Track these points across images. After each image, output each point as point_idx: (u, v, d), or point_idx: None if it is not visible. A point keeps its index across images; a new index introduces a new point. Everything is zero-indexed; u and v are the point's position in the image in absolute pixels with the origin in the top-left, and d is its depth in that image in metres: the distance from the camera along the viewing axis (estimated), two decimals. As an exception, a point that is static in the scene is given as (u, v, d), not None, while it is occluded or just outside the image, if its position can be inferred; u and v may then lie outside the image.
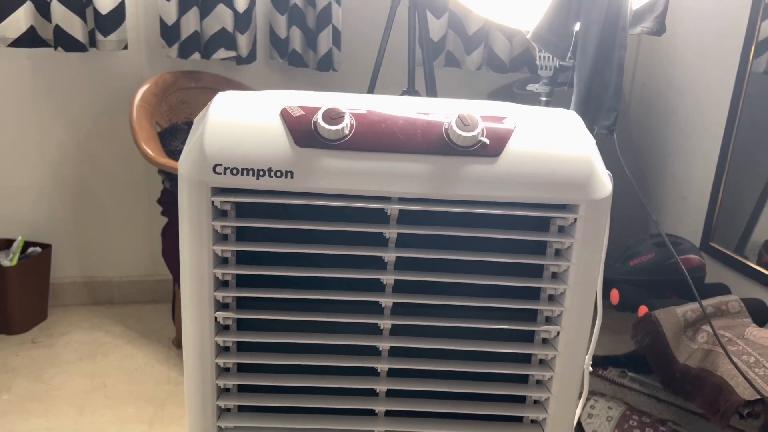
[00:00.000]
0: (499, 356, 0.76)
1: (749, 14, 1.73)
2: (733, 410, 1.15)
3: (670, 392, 1.40)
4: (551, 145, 0.69)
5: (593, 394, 1.50)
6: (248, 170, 0.66)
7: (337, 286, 0.73)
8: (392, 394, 0.77)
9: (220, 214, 0.70)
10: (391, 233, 0.72)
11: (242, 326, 0.75)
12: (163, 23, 1.86)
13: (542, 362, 0.77)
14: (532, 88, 1.53)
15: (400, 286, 0.74)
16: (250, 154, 0.66)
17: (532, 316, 0.76)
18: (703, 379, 1.26)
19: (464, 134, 0.66)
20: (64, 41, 1.78)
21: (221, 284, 0.72)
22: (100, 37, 1.82)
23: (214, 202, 0.68)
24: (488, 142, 0.67)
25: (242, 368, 0.76)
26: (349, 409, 0.77)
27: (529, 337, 0.77)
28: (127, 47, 1.88)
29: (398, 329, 0.75)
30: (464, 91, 2.21)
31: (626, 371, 1.54)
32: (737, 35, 1.77)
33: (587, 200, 0.68)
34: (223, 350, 0.75)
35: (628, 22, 1.29)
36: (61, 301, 2.12)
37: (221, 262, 0.72)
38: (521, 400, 0.78)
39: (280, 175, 0.66)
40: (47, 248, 2.01)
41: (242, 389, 0.77)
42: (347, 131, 0.67)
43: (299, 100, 0.70)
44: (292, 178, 0.66)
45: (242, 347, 0.76)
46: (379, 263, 0.73)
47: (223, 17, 1.87)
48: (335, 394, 0.77)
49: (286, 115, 0.68)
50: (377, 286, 0.74)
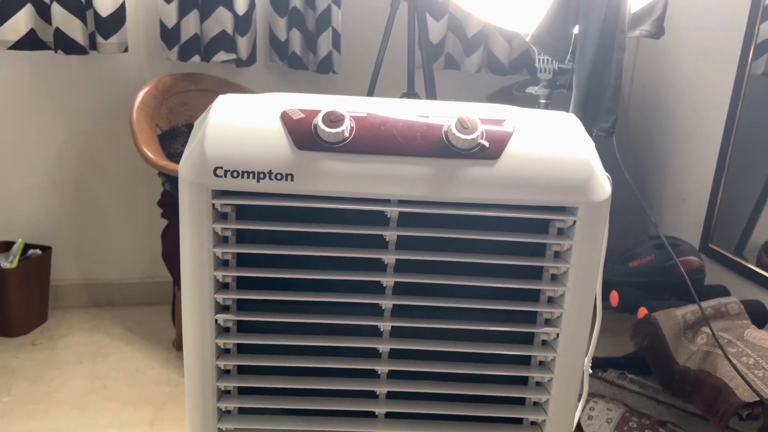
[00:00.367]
0: (498, 358, 0.76)
1: (748, 16, 1.73)
2: (732, 412, 1.16)
3: (669, 394, 1.41)
4: (550, 147, 0.69)
5: (593, 395, 1.51)
6: (249, 173, 0.67)
7: (337, 288, 0.74)
8: (392, 396, 0.77)
9: (220, 216, 0.70)
10: (391, 235, 0.72)
11: (242, 328, 0.75)
12: (163, 26, 1.87)
13: (542, 364, 0.77)
14: (531, 90, 1.54)
15: (400, 288, 0.74)
16: (250, 156, 0.67)
17: (531, 318, 0.76)
18: (702, 380, 1.26)
19: (464, 137, 0.67)
20: (64, 44, 1.78)
21: (222, 286, 0.73)
22: (100, 39, 1.83)
23: (214, 204, 0.68)
24: (487, 144, 0.68)
25: (242, 370, 0.77)
26: (349, 411, 0.77)
27: (528, 339, 0.77)
28: (127, 50, 1.89)
29: (398, 331, 0.75)
30: (464, 93, 2.22)
31: (626, 373, 1.54)
32: (736, 37, 1.77)
33: (586, 202, 0.69)
34: (223, 352, 0.75)
35: (626, 24, 1.30)
36: (61, 303, 2.12)
37: (222, 264, 0.72)
38: (521, 402, 0.78)
39: (280, 177, 0.67)
40: (47, 250, 2.01)
41: (242, 391, 0.77)
42: (347, 134, 0.67)
43: (299, 102, 0.70)
44: (292, 180, 0.67)
45: (242, 349, 0.76)
46: (379, 265, 0.73)
47: (223, 20, 1.87)
48: (335, 396, 0.77)
49: (286, 118, 0.68)
50: (377, 288, 0.74)
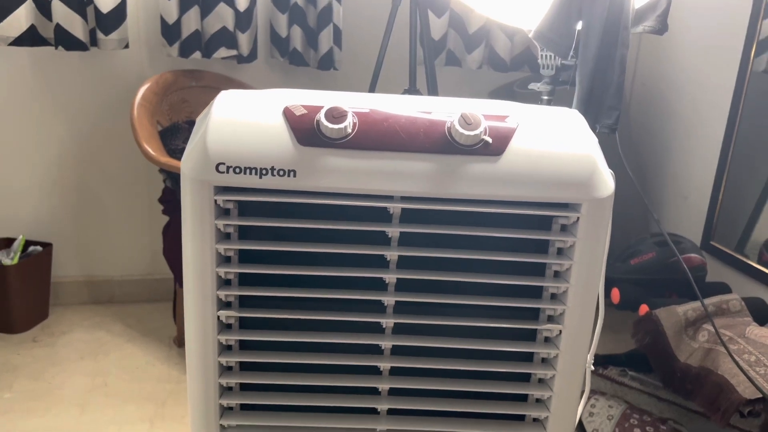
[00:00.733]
0: (501, 355, 0.76)
1: (750, 13, 1.73)
2: (733, 409, 1.16)
3: (670, 391, 1.41)
4: (554, 143, 0.69)
5: (594, 392, 1.51)
6: (251, 169, 0.66)
7: (339, 284, 0.73)
8: (394, 392, 0.77)
9: (222, 212, 0.70)
10: (393, 232, 0.72)
11: (245, 325, 0.75)
12: (164, 22, 1.86)
13: (544, 361, 0.77)
14: (533, 87, 1.53)
15: (402, 284, 0.74)
16: (252, 152, 0.66)
17: (534, 314, 0.76)
18: (703, 377, 1.26)
19: (467, 133, 0.66)
20: (64, 40, 1.78)
21: (224, 283, 0.72)
22: (101, 35, 1.82)
23: (217, 200, 0.68)
24: (491, 140, 0.67)
25: (245, 366, 0.77)
26: (351, 407, 0.77)
27: (531, 335, 0.77)
28: (128, 46, 1.88)
29: (401, 328, 0.75)
30: (465, 90, 2.21)
31: (627, 370, 1.54)
32: (738, 34, 1.77)
33: (590, 199, 0.68)
34: (225, 349, 0.75)
35: (630, 20, 1.29)
36: (62, 300, 2.12)
37: (224, 260, 0.72)
38: (523, 398, 0.78)
39: (282, 173, 0.66)
40: (48, 247, 2.01)
41: (245, 388, 0.77)
42: (350, 130, 0.67)
43: (302, 98, 0.70)
44: (294, 176, 0.66)
45: (245, 345, 0.76)
46: (381, 262, 0.73)
47: (223, 16, 1.87)
48: (337, 392, 0.77)
49: (288, 113, 0.68)
50: (380, 284, 0.74)
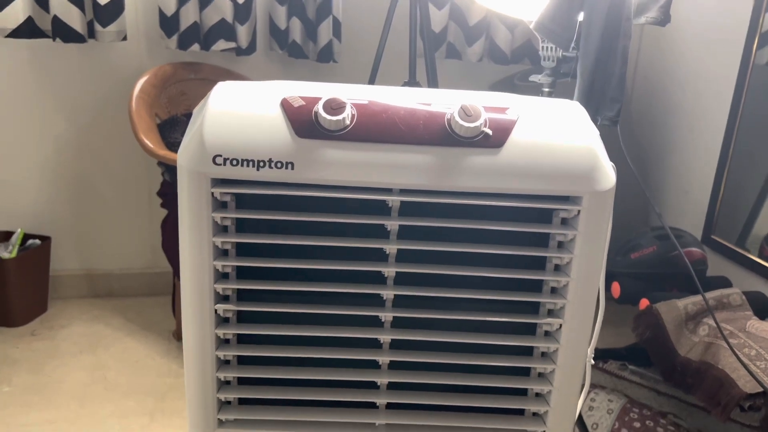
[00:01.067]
0: (500, 349, 0.76)
1: (752, 5, 1.71)
2: (734, 403, 1.15)
3: (670, 385, 1.40)
4: (554, 136, 0.68)
5: (594, 386, 1.50)
6: (248, 161, 0.66)
7: (337, 278, 0.73)
8: (393, 386, 0.77)
9: (219, 205, 0.69)
10: (392, 225, 0.71)
11: (242, 318, 0.74)
12: (162, 14, 1.85)
13: (544, 355, 0.76)
14: (534, 78, 1.52)
15: (401, 278, 0.73)
16: (250, 144, 0.66)
17: (534, 308, 0.75)
18: (704, 372, 1.25)
19: (467, 125, 0.66)
20: (62, 32, 1.77)
21: (221, 276, 0.72)
22: (98, 27, 1.81)
23: (213, 193, 0.67)
24: (491, 132, 0.67)
25: (242, 360, 0.76)
26: (350, 401, 0.77)
27: (531, 329, 0.76)
28: (126, 38, 1.87)
29: (399, 321, 0.74)
30: (465, 82, 2.20)
31: (627, 364, 1.53)
32: (740, 26, 1.75)
33: (591, 192, 0.68)
34: (223, 342, 0.74)
35: (632, 11, 1.28)
36: (61, 293, 2.12)
37: (221, 253, 0.71)
38: (523, 392, 0.78)
39: (280, 166, 0.66)
40: (47, 240, 2.01)
41: (242, 382, 0.77)
42: (348, 122, 0.66)
43: (300, 90, 0.69)
44: (292, 169, 0.66)
45: (242, 339, 0.75)
46: (380, 255, 0.72)
47: (222, 8, 1.86)
48: (336, 386, 0.76)
49: (286, 105, 0.67)
50: (379, 278, 0.73)
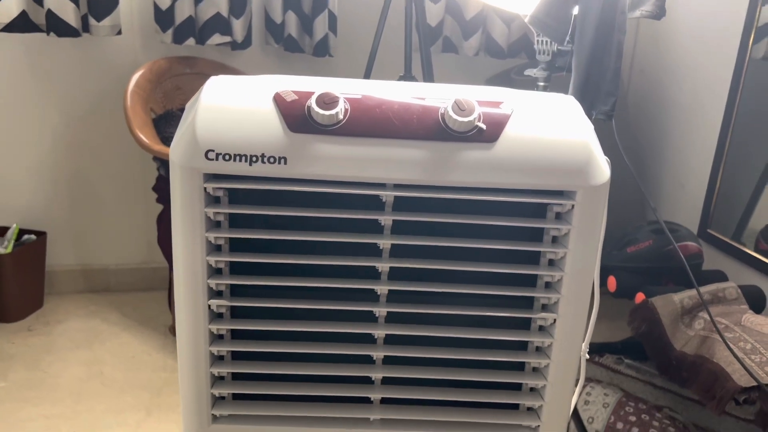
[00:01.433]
0: (495, 344, 0.76)
1: (749, -1, 1.71)
2: (729, 397, 1.16)
3: (666, 379, 1.41)
4: (549, 130, 0.68)
5: (589, 380, 1.51)
6: (241, 156, 0.65)
7: (331, 273, 0.73)
8: (388, 381, 0.77)
9: (212, 200, 0.69)
10: (386, 220, 0.71)
11: (236, 314, 0.74)
12: (157, 8, 1.84)
13: (539, 349, 0.76)
14: (530, 73, 1.52)
15: (395, 273, 0.73)
16: (242, 139, 0.65)
17: (528, 303, 0.75)
18: (699, 365, 1.26)
19: (460, 119, 0.65)
20: (56, 26, 1.76)
21: (214, 272, 0.72)
22: (93, 22, 1.80)
23: (206, 188, 0.67)
24: (485, 127, 0.66)
25: (236, 356, 0.76)
26: (344, 396, 0.77)
27: (525, 324, 0.76)
28: (120, 32, 1.86)
29: (394, 317, 0.74)
30: (462, 77, 2.20)
31: (622, 358, 1.54)
32: (737, 20, 1.75)
33: (585, 186, 0.67)
34: (217, 338, 0.74)
35: (627, 5, 1.28)
36: (57, 288, 2.11)
37: (214, 249, 0.71)
38: (517, 387, 0.78)
39: (273, 161, 0.65)
40: (42, 235, 2.00)
41: (237, 377, 0.77)
42: (341, 116, 0.66)
43: (293, 84, 0.69)
44: (285, 164, 0.65)
45: (236, 335, 0.75)
46: (374, 250, 0.72)
47: (217, 2, 1.85)
48: (330, 381, 0.76)
49: (279, 99, 0.67)
50: (372, 273, 0.73)
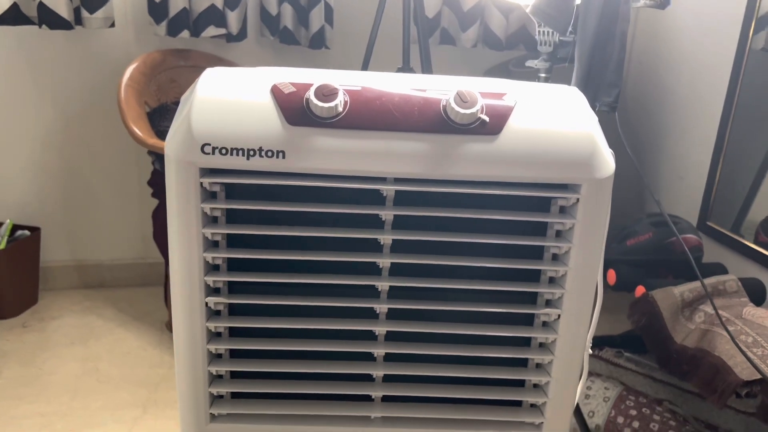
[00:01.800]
0: (498, 340, 0.75)
1: (750, -11, 1.70)
2: (731, 391, 1.15)
3: (666, 372, 1.40)
4: (553, 122, 0.66)
5: (590, 374, 1.50)
6: (238, 150, 0.64)
7: (331, 269, 0.71)
8: (389, 378, 0.76)
9: (209, 195, 0.67)
10: (387, 215, 0.69)
11: (234, 311, 0.73)
12: (150, 0, 1.81)
13: (542, 346, 0.75)
14: (531, 64, 1.50)
15: (396, 269, 0.72)
16: (239, 133, 0.64)
17: (532, 299, 0.74)
18: (700, 359, 1.25)
19: (463, 111, 0.64)
20: (48, 19, 1.73)
21: (211, 268, 0.70)
22: (85, 14, 1.77)
23: (202, 183, 0.65)
24: (488, 119, 0.65)
25: (235, 354, 0.74)
26: (345, 394, 0.75)
27: (528, 320, 0.75)
28: (113, 25, 1.83)
29: (395, 314, 0.73)
30: (460, 69, 2.18)
31: (622, 351, 1.53)
32: (737, 10, 1.73)
33: (590, 179, 0.66)
34: (214, 336, 0.73)
35: (629, -5, 1.26)
36: (51, 284, 2.09)
37: (211, 245, 0.69)
38: (520, 384, 0.77)
39: (271, 154, 0.64)
40: (36, 231, 1.98)
41: (235, 375, 0.75)
42: (341, 109, 0.64)
43: (291, 76, 0.67)
44: (283, 158, 0.64)
45: (234, 333, 0.74)
46: (374, 246, 0.70)
47: (212, -7, 1.82)
48: (330, 379, 0.75)
49: (276, 92, 0.65)
50: (373, 269, 0.71)
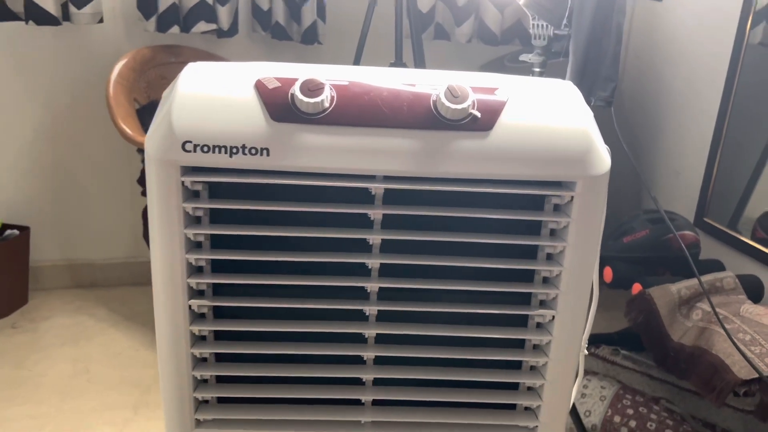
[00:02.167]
0: (491, 342, 0.73)
1: (747, -18, 1.68)
2: (729, 390, 1.13)
3: (664, 370, 1.39)
4: (547, 117, 0.64)
5: (586, 373, 1.49)
6: (220, 147, 0.61)
7: (319, 270, 0.69)
8: (379, 382, 0.73)
9: (191, 195, 0.65)
10: (376, 214, 0.67)
11: (219, 314, 0.71)
12: (139, -5, 1.79)
13: (536, 347, 0.73)
14: (525, 58, 1.48)
15: (386, 269, 0.69)
16: (222, 129, 0.61)
17: (525, 299, 0.72)
18: (698, 357, 1.23)
19: (453, 106, 0.62)
20: (35, 14, 1.70)
21: (195, 270, 0.68)
22: (73, 9, 1.75)
23: (184, 182, 0.63)
24: (479, 115, 0.63)
25: (220, 358, 0.72)
26: (334, 398, 0.73)
27: (522, 321, 0.73)
28: (102, 20, 1.80)
29: (385, 315, 0.71)
30: (454, 64, 2.15)
31: (619, 349, 1.51)
32: (734, 5, 1.72)
33: (585, 176, 0.64)
34: (199, 339, 0.71)
35: (625, -12, 1.24)
36: (42, 284, 2.07)
37: (194, 246, 0.67)
38: (514, 387, 0.75)
39: (254, 152, 0.61)
40: (25, 230, 1.95)
41: (221, 380, 0.73)
42: (327, 104, 0.62)
43: (275, 71, 0.65)
44: (268, 155, 0.61)
45: (220, 336, 0.71)
46: (363, 246, 0.68)
47: (202, -12, 1.79)
48: (319, 383, 0.73)
49: (260, 87, 0.63)
50: (362, 270, 0.69)
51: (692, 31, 1.93)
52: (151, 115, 1.70)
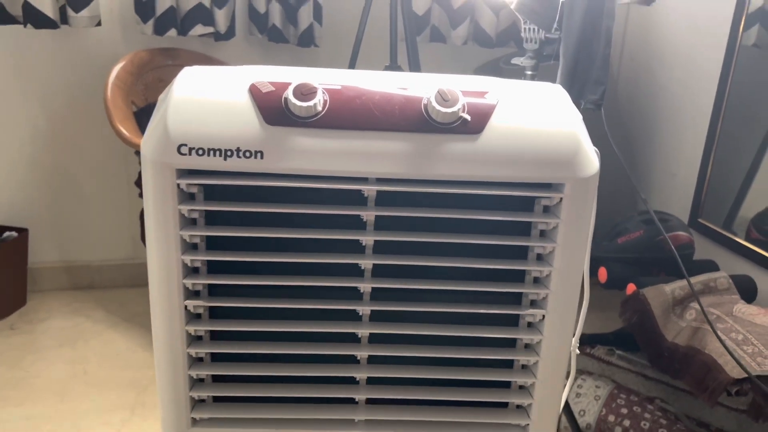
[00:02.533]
0: (482, 341, 0.74)
1: (740, -15, 1.69)
2: (722, 389, 1.14)
3: (658, 370, 1.40)
4: (536, 120, 0.65)
5: (580, 372, 1.49)
6: (215, 150, 0.62)
7: (313, 271, 0.70)
8: (373, 381, 0.75)
9: (186, 197, 0.66)
10: (368, 215, 0.68)
11: (215, 314, 0.72)
12: (137, -2, 1.80)
13: (527, 347, 0.74)
14: (517, 61, 1.49)
15: (379, 270, 0.70)
16: (216, 133, 0.62)
17: (516, 299, 0.73)
18: (691, 357, 1.25)
19: (444, 110, 0.63)
20: (33, 17, 1.71)
21: (191, 271, 0.69)
22: (71, 13, 1.75)
23: (179, 184, 0.64)
24: (469, 118, 0.64)
25: (216, 358, 0.73)
26: (328, 397, 0.74)
27: (513, 321, 0.74)
28: (100, 24, 1.81)
29: (378, 315, 0.72)
30: (450, 67, 2.17)
31: (614, 349, 1.52)
32: (727, 7, 1.73)
33: (573, 178, 0.65)
34: (195, 340, 0.72)
35: (616, -8, 1.25)
36: (39, 286, 2.07)
37: (190, 247, 0.68)
38: (506, 385, 0.76)
39: (249, 155, 0.62)
40: (24, 232, 1.96)
41: (216, 379, 0.74)
42: (320, 108, 0.63)
43: (269, 75, 0.66)
44: (262, 158, 0.63)
45: (215, 336, 0.72)
46: (356, 247, 0.69)
47: (199, -9, 1.80)
48: (314, 382, 0.74)
49: (254, 91, 0.64)
50: (355, 270, 0.70)
51: (686, 33, 1.94)
52: (148, 117, 1.71)
